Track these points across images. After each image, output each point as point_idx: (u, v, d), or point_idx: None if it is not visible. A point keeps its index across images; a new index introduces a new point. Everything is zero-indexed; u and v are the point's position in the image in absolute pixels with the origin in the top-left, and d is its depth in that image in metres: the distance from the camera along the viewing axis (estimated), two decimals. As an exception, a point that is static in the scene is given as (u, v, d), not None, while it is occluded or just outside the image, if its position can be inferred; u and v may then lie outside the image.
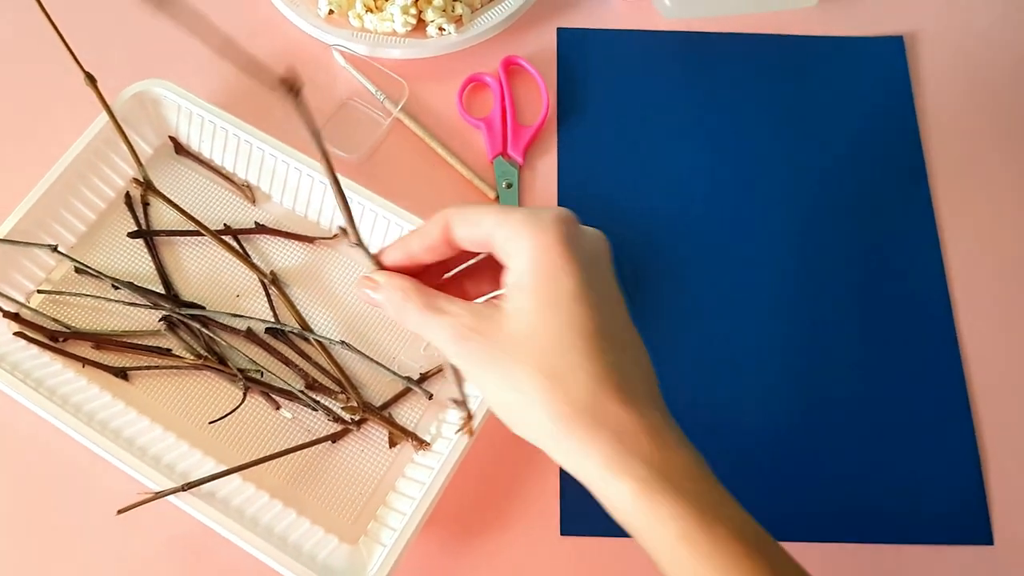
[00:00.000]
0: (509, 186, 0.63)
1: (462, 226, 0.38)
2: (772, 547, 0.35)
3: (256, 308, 0.59)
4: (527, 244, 0.36)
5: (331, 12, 0.66)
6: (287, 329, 0.56)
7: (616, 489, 0.34)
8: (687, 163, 0.64)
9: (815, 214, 0.63)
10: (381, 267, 0.39)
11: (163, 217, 0.60)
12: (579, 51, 0.68)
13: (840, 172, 0.64)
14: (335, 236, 0.60)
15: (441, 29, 0.65)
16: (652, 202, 0.63)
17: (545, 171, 0.64)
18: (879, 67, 0.68)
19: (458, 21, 0.66)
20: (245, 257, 0.55)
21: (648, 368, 0.37)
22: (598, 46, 0.68)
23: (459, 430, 0.51)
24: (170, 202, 0.56)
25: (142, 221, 0.60)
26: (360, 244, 0.38)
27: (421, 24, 0.66)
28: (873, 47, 0.68)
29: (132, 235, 0.60)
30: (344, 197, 0.35)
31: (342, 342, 0.56)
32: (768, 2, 0.69)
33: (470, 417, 0.51)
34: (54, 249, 0.56)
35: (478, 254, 0.40)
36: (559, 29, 0.69)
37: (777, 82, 0.67)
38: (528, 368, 0.35)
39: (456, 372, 0.43)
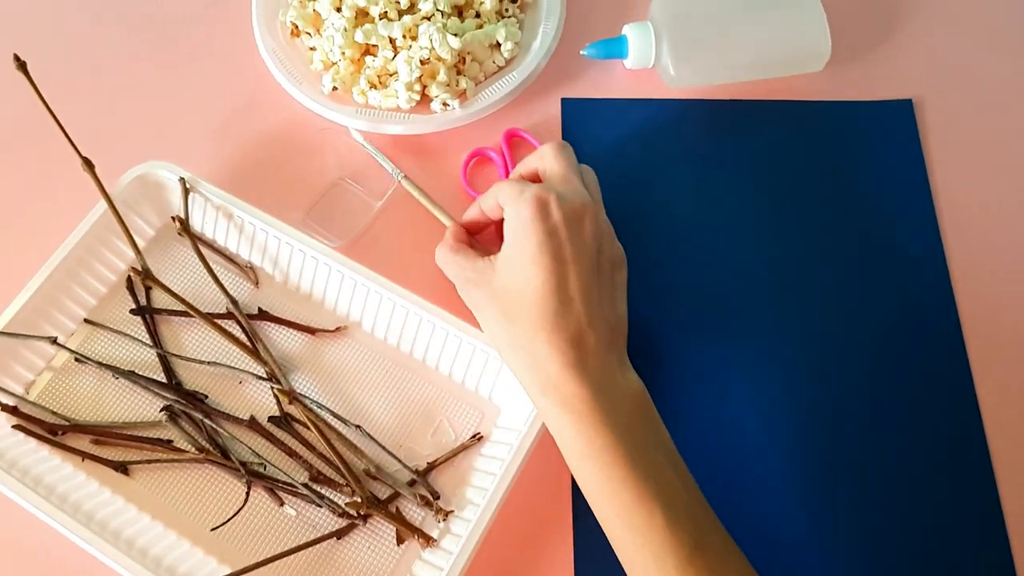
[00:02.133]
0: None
1: (499, 195, 0.53)
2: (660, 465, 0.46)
3: (259, 395, 0.57)
4: (510, 213, 0.51)
5: (335, 89, 0.65)
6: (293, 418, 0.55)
7: (539, 403, 0.49)
8: (694, 232, 0.63)
9: (827, 280, 0.61)
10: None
11: (166, 299, 0.59)
12: (584, 121, 0.67)
13: (851, 237, 0.63)
14: (337, 329, 0.58)
15: (445, 104, 0.64)
16: (660, 273, 0.61)
17: None
18: (889, 131, 0.67)
19: (462, 96, 0.65)
20: (248, 347, 0.54)
21: (599, 316, 0.49)
22: (603, 115, 0.67)
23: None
24: (169, 291, 0.55)
25: (143, 304, 0.59)
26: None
27: (425, 99, 0.65)
28: (882, 111, 0.67)
29: (134, 312, 0.59)
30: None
31: (357, 426, 0.55)
32: (773, 69, 0.68)
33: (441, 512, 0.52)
34: (53, 341, 0.55)
35: None
36: (563, 100, 0.68)
37: (785, 148, 0.66)
38: (497, 313, 0.50)
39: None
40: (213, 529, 0.53)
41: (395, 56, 0.64)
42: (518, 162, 0.63)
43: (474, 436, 0.56)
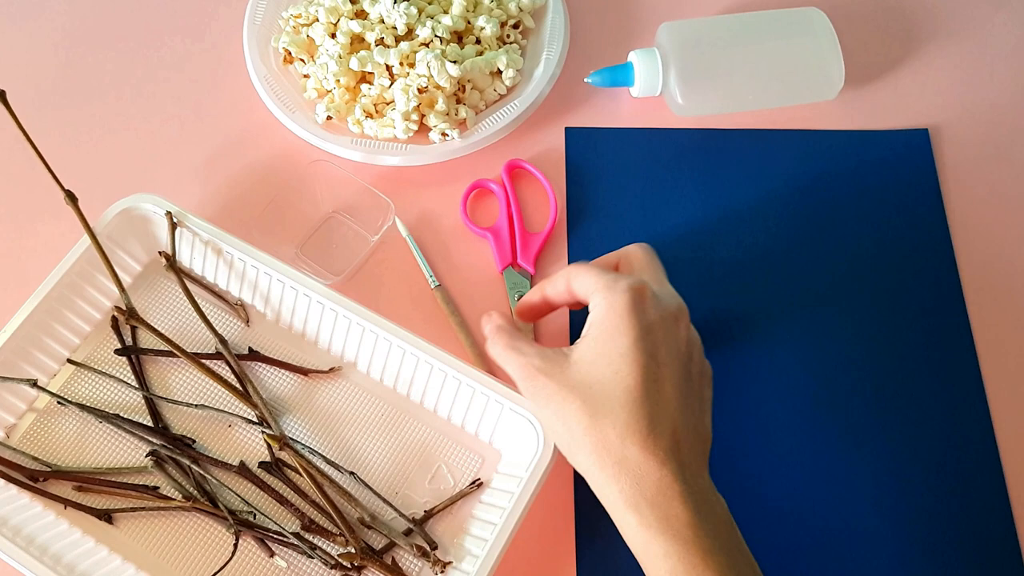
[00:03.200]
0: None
1: (575, 281, 0.48)
2: None
3: (249, 440, 0.55)
4: (600, 302, 0.46)
5: (329, 118, 0.63)
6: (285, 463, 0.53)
7: (626, 520, 0.43)
8: (703, 265, 0.61)
9: (841, 311, 0.59)
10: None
11: (154, 338, 0.57)
12: (588, 151, 0.65)
13: (866, 269, 0.61)
14: (331, 370, 0.56)
15: (444, 134, 0.62)
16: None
17: None
18: (905, 161, 0.64)
19: (462, 125, 0.63)
20: (237, 390, 0.52)
21: (691, 426, 0.44)
22: (608, 145, 0.65)
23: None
24: (155, 331, 0.53)
25: (128, 343, 0.57)
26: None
27: (423, 128, 0.63)
28: (898, 140, 0.65)
29: (119, 352, 0.57)
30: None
31: (351, 473, 0.52)
32: (785, 97, 0.66)
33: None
34: (34, 385, 0.53)
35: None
36: (567, 129, 0.66)
37: (798, 179, 0.64)
38: (576, 409, 0.44)
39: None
40: (199, 585, 0.51)
41: (392, 84, 0.62)
42: (519, 194, 0.61)
43: (474, 482, 0.53)
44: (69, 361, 0.56)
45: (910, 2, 0.71)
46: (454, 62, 0.62)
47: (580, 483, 0.54)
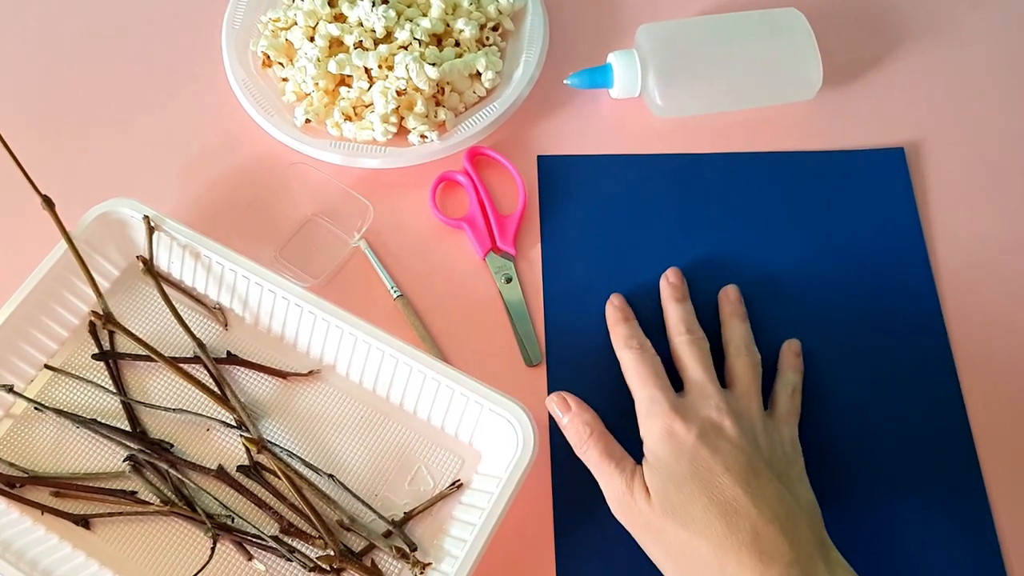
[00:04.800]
0: (509, 280, 0.60)
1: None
2: None
3: (228, 443, 0.55)
4: (645, 431, 0.50)
5: (308, 121, 0.63)
6: (263, 466, 0.53)
7: None
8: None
9: (821, 331, 0.58)
10: None
11: (132, 343, 0.57)
12: (563, 177, 0.64)
13: (844, 288, 0.60)
14: (310, 373, 0.56)
15: (423, 137, 0.62)
16: (640, 307, 0.59)
17: (536, 258, 0.61)
18: (881, 180, 0.64)
19: (441, 127, 0.63)
20: (215, 393, 0.52)
21: (774, 512, 0.45)
22: (583, 170, 0.64)
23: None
24: (132, 335, 0.53)
25: (106, 348, 0.57)
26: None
27: (403, 131, 0.63)
28: (873, 160, 0.65)
29: (96, 357, 0.57)
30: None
31: (330, 475, 0.52)
32: (763, 97, 0.66)
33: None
34: (10, 390, 0.53)
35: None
36: (539, 157, 0.65)
37: (775, 200, 0.63)
38: (663, 536, 0.46)
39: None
40: (177, 588, 0.50)
41: (370, 87, 0.62)
42: (486, 181, 0.62)
43: (453, 483, 0.53)
44: (46, 366, 0.56)
45: (888, 3, 0.72)
46: (433, 64, 0.62)
47: (558, 482, 0.54)
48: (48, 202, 0.54)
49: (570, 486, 0.54)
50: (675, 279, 0.58)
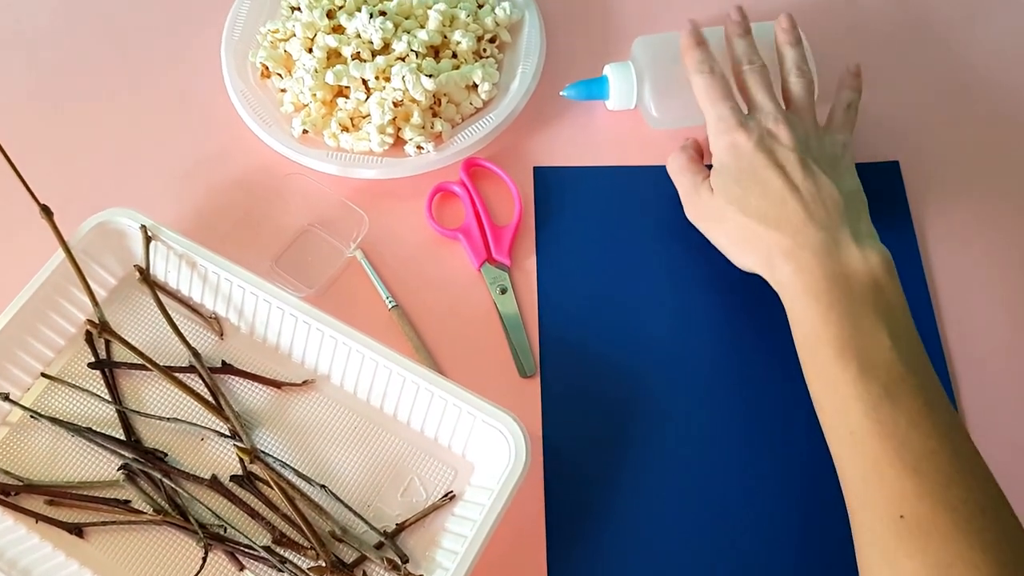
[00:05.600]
0: (504, 291, 0.60)
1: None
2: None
3: (222, 453, 0.55)
4: (714, 144, 0.57)
5: (305, 132, 0.63)
6: (256, 477, 0.53)
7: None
8: (667, 295, 0.60)
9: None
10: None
11: (128, 352, 0.57)
12: (557, 188, 0.64)
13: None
14: (304, 383, 0.56)
15: (420, 147, 0.62)
16: (635, 319, 0.59)
17: (531, 269, 0.61)
18: (875, 193, 0.63)
19: (437, 138, 0.63)
20: (210, 403, 0.52)
21: (825, 196, 0.53)
22: (576, 182, 0.65)
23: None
24: (127, 344, 0.53)
25: (102, 357, 0.57)
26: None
27: (399, 142, 0.63)
28: (868, 173, 0.64)
29: (92, 366, 0.57)
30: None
31: (323, 486, 0.52)
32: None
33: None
34: (6, 398, 0.53)
35: None
36: (535, 168, 0.65)
37: None
38: (723, 223, 0.55)
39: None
40: (169, 597, 0.50)
41: (367, 98, 0.63)
42: (482, 192, 0.62)
43: (446, 495, 0.53)
44: (43, 375, 0.56)
45: (884, 15, 0.72)
46: (429, 76, 0.62)
47: (551, 494, 0.54)
48: (46, 211, 0.54)
49: (563, 498, 0.54)
50: (738, 16, 0.62)
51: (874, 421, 0.45)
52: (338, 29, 0.66)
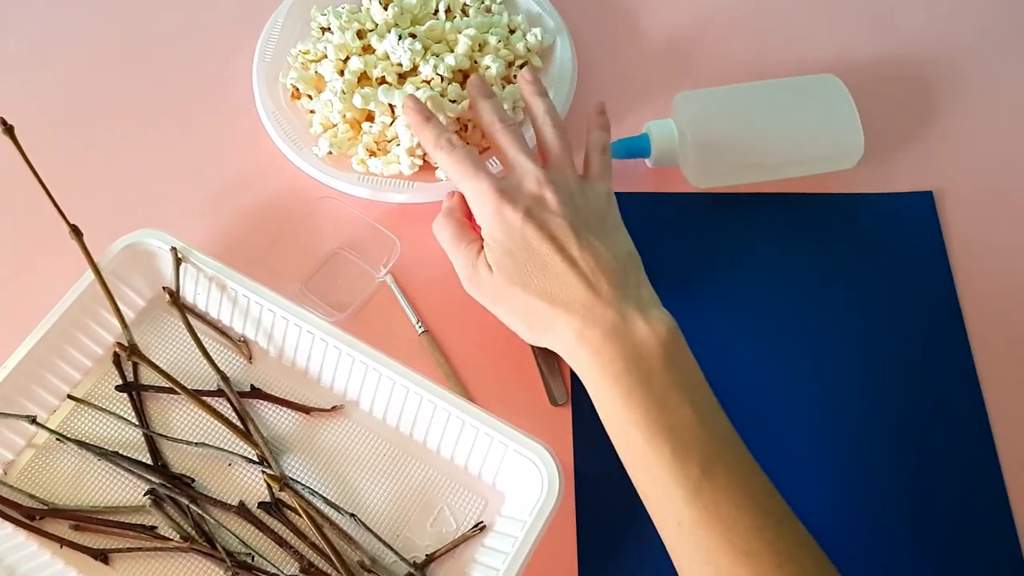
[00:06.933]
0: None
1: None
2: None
3: (249, 479, 0.54)
4: (480, 219, 0.53)
5: (330, 153, 0.63)
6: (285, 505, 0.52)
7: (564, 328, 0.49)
8: (708, 325, 0.60)
9: (849, 371, 0.58)
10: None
11: (155, 375, 0.56)
12: None
13: (874, 329, 0.60)
14: (333, 409, 0.56)
15: (450, 172, 0.62)
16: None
17: None
18: (910, 222, 0.63)
19: (468, 163, 0.63)
20: (238, 428, 0.51)
21: (602, 264, 0.50)
22: (623, 207, 0.64)
23: None
24: (155, 367, 0.53)
25: (130, 379, 0.57)
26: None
27: (429, 166, 0.63)
28: (903, 203, 0.64)
29: (119, 388, 0.56)
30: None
31: (352, 515, 0.52)
32: (804, 167, 0.64)
33: None
34: (33, 421, 0.53)
35: None
36: None
37: (805, 240, 0.63)
38: (510, 304, 0.52)
39: None
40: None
41: (393, 122, 0.62)
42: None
43: (476, 526, 0.52)
44: (69, 397, 0.56)
45: (922, 65, 0.71)
46: (453, 101, 0.61)
47: (582, 526, 0.53)
48: (76, 231, 0.54)
49: (595, 530, 0.53)
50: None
51: (699, 508, 0.44)
52: (367, 49, 0.65)
